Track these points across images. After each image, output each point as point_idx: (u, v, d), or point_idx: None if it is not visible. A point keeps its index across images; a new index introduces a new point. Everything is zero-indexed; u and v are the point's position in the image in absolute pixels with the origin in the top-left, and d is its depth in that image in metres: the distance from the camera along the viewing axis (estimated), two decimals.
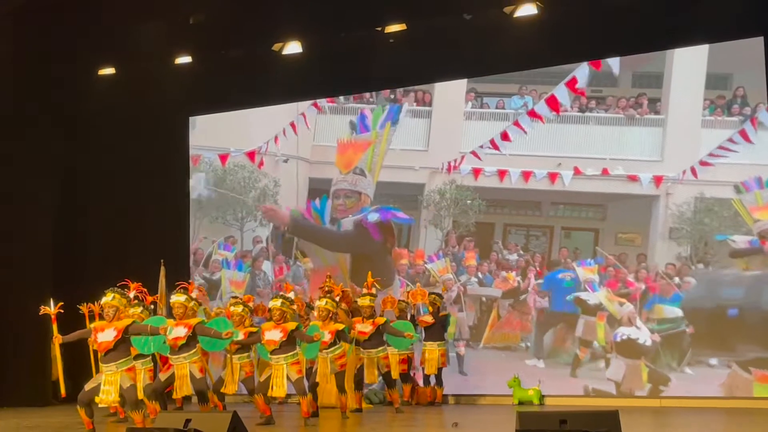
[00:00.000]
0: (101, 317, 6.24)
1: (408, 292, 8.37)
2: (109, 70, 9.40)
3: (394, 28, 8.44)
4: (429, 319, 8.14)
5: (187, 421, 3.99)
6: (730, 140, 7.61)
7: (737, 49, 7.73)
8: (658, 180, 8.01)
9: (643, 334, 7.93)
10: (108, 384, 5.73)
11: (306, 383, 6.69)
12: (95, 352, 6.58)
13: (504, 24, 8.01)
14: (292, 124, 9.91)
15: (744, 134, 7.59)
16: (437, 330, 8.15)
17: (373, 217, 9.28)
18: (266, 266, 9.88)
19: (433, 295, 8.24)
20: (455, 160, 9.00)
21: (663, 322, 7.90)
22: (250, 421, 5.77)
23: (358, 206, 9.47)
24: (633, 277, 8.07)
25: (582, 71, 8.37)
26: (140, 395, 6.24)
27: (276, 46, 8.94)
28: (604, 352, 8.06)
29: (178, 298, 6.61)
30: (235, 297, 7.81)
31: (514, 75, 8.99)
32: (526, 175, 8.69)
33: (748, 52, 7.65)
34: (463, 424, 6.40)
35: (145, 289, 7.31)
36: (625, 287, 8.08)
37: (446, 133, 9.24)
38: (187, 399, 7.26)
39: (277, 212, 9.69)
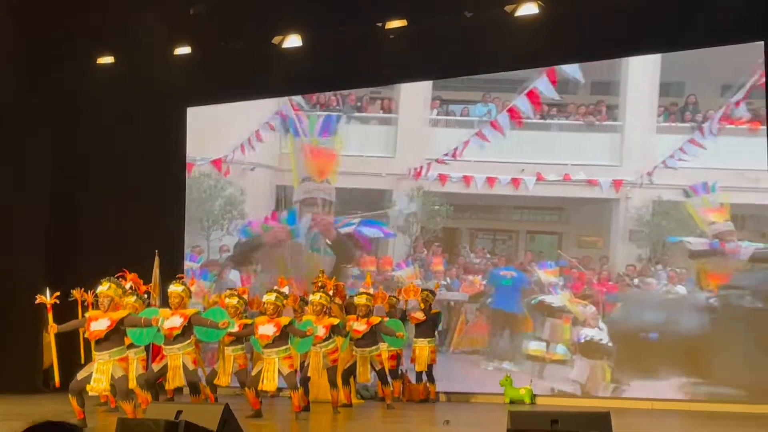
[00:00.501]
0: (94, 306, 6.32)
1: (402, 289, 8.56)
2: (107, 59, 9.47)
3: (394, 24, 8.57)
4: (420, 315, 8.34)
5: (179, 412, 3.99)
6: (681, 149, 8.13)
7: (689, 59, 8.24)
8: (617, 184, 8.48)
9: (605, 335, 8.39)
10: (100, 373, 5.87)
11: (298, 377, 6.83)
12: (86, 341, 6.63)
13: (503, 23, 8.18)
14: (257, 133, 10.16)
15: (696, 140, 8.15)
16: (428, 327, 8.37)
17: (375, 232, 9.47)
18: (233, 275, 10.08)
19: (426, 292, 8.46)
20: (422, 167, 9.37)
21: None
22: (241, 414, 5.83)
23: (330, 216, 9.75)
24: (596, 279, 8.55)
25: (542, 82, 8.85)
26: (132, 385, 6.34)
27: (276, 39, 9.05)
28: (570, 354, 8.51)
29: (175, 288, 6.70)
30: (231, 289, 7.91)
31: (478, 82, 9.42)
32: (491, 180, 9.10)
33: (699, 62, 8.18)
34: (455, 421, 6.56)
35: (141, 280, 7.36)
36: (590, 289, 8.54)
37: (412, 140, 9.57)
38: (178, 390, 7.33)
39: (330, 224, 9.70)
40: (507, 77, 9.24)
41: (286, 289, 7.43)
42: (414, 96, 9.60)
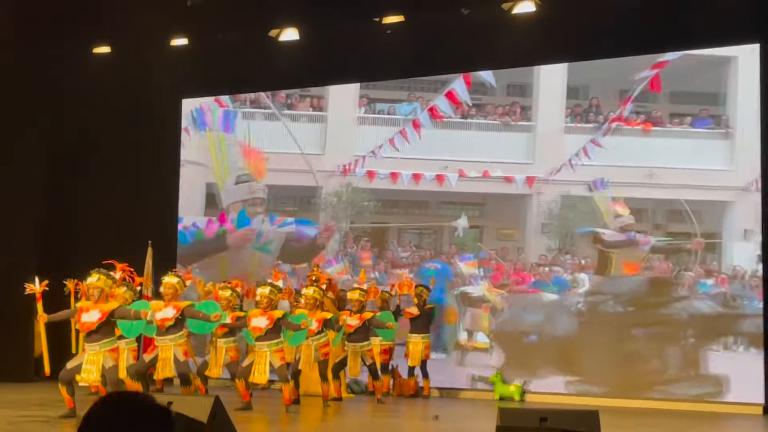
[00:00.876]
0: (87, 297, 6.55)
1: (396, 284, 9.03)
2: (104, 49, 9.70)
3: (391, 19, 8.98)
4: (414, 310, 8.78)
5: (169, 403, 4.30)
6: (584, 149, 9.09)
7: (592, 65, 9.22)
8: (530, 180, 9.41)
9: (511, 326, 9.21)
10: (90, 363, 6.15)
11: (289, 371, 7.18)
12: (77, 331, 6.85)
13: (501, 20, 8.65)
14: (186, 129, 10.64)
15: (596, 140, 9.16)
16: (422, 322, 8.71)
17: (313, 232, 10.01)
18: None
19: (420, 287, 8.92)
20: (350, 164, 10.08)
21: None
22: (232, 406, 6.03)
23: (266, 214, 10.30)
24: (513, 269, 9.47)
25: (458, 84, 9.71)
26: (122, 375, 6.60)
27: (273, 32, 9.39)
28: (489, 341, 9.39)
29: (170, 280, 6.96)
30: (225, 281, 8.09)
31: (404, 81, 10.21)
32: (417, 177, 9.89)
33: (600, 68, 9.15)
34: (444, 417, 6.91)
35: (131, 269, 7.54)
36: (508, 279, 9.45)
37: (341, 137, 10.24)
38: (168, 381, 7.52)
39: (333, 229, 10.01)
40: (430, 77, 10.05)
41: (280, 283, 7.65)
42: (343, 94, 10.27)
